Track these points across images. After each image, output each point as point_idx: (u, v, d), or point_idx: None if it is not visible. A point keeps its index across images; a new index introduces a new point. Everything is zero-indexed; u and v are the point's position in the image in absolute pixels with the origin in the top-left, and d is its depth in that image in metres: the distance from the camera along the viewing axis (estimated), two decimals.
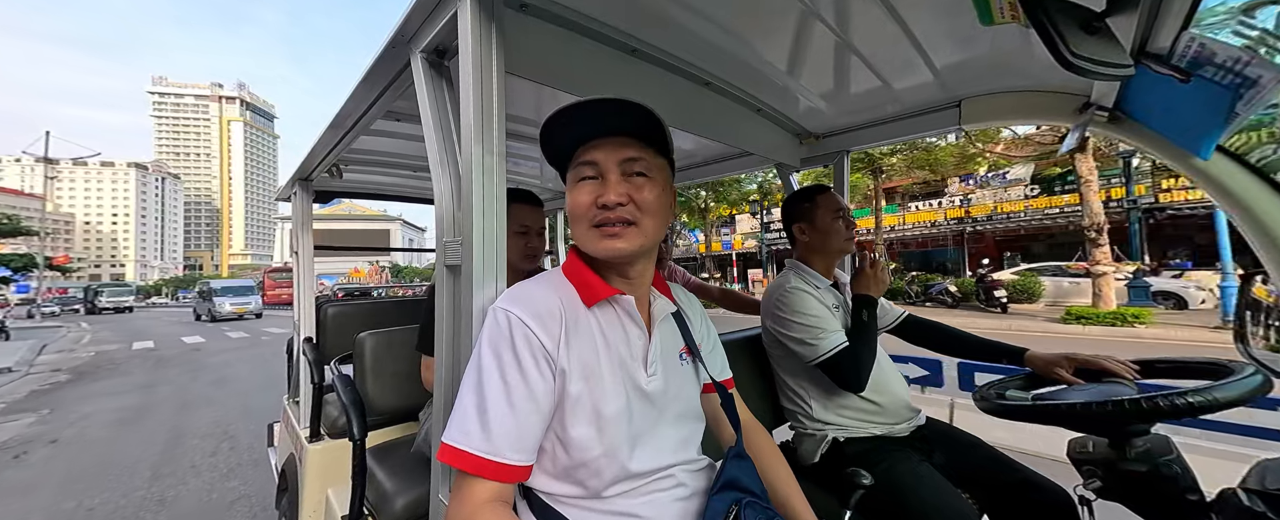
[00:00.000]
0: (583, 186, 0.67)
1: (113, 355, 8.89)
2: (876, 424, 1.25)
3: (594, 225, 0.66)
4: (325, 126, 1.42)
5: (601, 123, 0.67)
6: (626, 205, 0.65)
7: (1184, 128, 0.89)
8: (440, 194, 0.79)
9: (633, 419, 0.66)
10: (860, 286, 1.30)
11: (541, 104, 1.55)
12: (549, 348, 0.62)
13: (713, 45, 1.15)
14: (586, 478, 0.64)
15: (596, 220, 0.66)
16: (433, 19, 0.77)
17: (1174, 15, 0.66)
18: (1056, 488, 1.10)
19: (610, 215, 0.65)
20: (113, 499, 2.82)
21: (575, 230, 0.70)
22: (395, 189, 2.53)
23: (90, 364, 8.10)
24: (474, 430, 0.59)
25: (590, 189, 0.66)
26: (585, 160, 0.67)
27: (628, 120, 0.67)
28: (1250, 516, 0.59)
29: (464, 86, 0.71)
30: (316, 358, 1.82)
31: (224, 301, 19.26)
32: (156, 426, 4.30)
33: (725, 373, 0.86)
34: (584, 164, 0.67)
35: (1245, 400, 0.77)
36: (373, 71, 0.99)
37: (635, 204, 0.66)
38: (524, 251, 1.33)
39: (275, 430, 2.62)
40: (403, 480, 1.26)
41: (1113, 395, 0.85)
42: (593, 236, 0.67)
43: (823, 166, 1.86)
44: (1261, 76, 0.71)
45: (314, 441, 1.72)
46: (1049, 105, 1.16)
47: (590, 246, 0.67)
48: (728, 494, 0.65)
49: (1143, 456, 0.84)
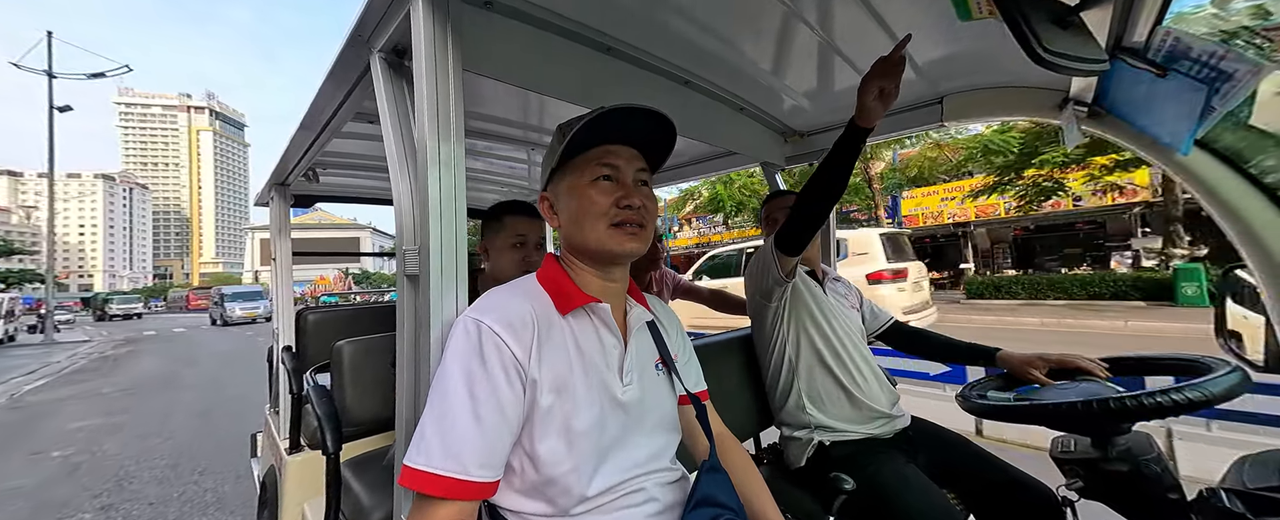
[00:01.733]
0: (601, 186, 0.69)
1: (135, 338, 15.45)
2: (861, 425, 1.24)
3: (614, 224, 0.68)
4: (296, 128, 1.38)
5: (629, 130, 0.70)
6: (641, 209, 0.69)
7: (1163, 123, 0.88)
8: (400, 200, 0.76)
9: (605, 431, 0.64)
10: (863, 118, 0.99)
11: (527, 105, 1.52)
12: (520, 358, 0.60)
13: (692, 43, 1.12)
14: (555, 495, 0.62)
15: (618, 219, 0.68)
16: (388, 18, 0.74)
17: (1148, 10, 0.65)
18: (1042, 486, 1.10)
19: (632, 216, 0.68)
20: (162, 365, 8.88)
21: (588, 228, 0.68)
22: (373, 192, 2.49)
23: (127, 340, 14.92)
24: (436, 449, 0.56)
25: (609, 189, 0.69)
26: (607, 162, 0.69)
27: (648, 132, 0.71)
28: (1228, 516, 0.58)
29: (419, 87, 0.68)
30: (296, 367, 1.77)
31: (235, 307, 20.65)
32: (168, 354, 10.73)
33: (700, 385, 0.84)
34: (605, 164, 0.69)
35: (1226, 398, 0.76)
36: (335, 72, 0.96)
37: (645, 209, 0.70)
38: (522, 266, 1.25)
39: (258, 440, 2.56)
40: (380, 494, 1.22)
41: (1094, 394, 0.84)
42: (611, 234, 0.68)
43: (808, 164, 1.85)
44: (1235, 71, 0.70)
45: (293, 453, 1.68)
46: (1029, 101, 1.16)
47: (609, 244, 0.68)
48: (703, 510, 0.63)
49: (1124, 455, 0.83)
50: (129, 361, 9.66)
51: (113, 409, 5.27)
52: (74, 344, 13.53)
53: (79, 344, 13.54)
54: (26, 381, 7.54)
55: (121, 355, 10.71)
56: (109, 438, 4.18)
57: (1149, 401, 0.76)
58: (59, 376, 8.00)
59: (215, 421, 4.57)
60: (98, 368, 8.84)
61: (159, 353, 10.99)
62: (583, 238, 0.69)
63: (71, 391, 6.54)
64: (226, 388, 6.14)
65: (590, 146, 0.69)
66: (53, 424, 4.78)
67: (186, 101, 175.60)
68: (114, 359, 10.16)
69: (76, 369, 8.76)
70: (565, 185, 0.71)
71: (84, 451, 3.84)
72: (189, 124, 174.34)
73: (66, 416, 5.04)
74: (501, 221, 1.25)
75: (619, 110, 0.66)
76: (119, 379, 7.39)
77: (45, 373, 8.36)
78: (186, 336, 14.62)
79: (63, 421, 4.84)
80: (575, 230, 0.69)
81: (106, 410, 5.24)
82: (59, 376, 8.00)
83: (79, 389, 6.68)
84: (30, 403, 5.93)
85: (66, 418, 4.99)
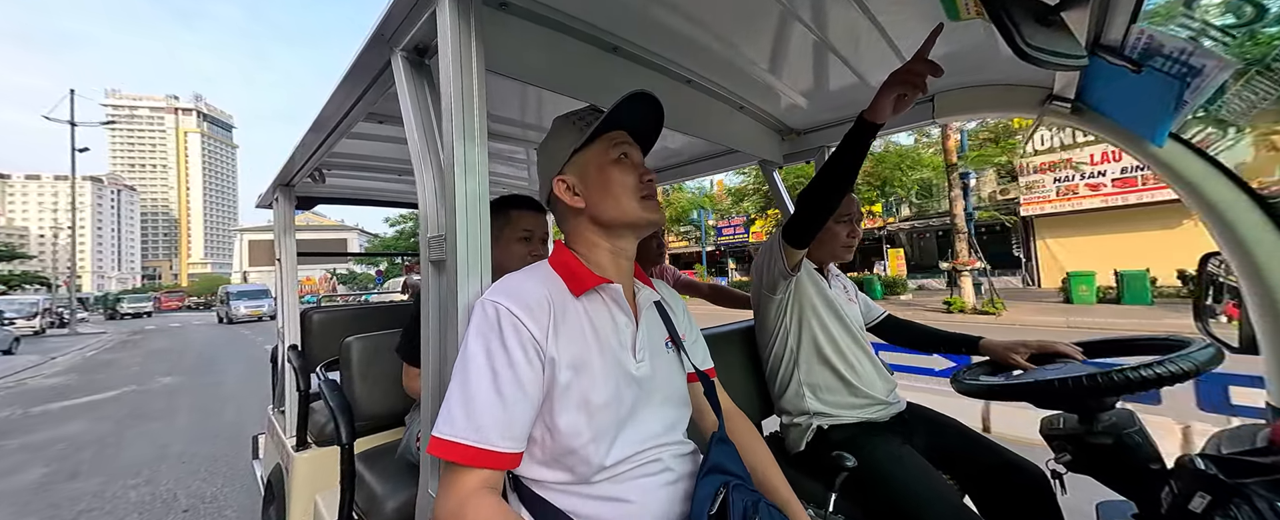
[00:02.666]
0: (623, 164, 0.76)
1: (140, 330, 19.55)
2: (859, 411, 1.29)
3: (645, 196, 0.76)
4: (306, 129, 1.41)
5: (643, 121, 0.78)
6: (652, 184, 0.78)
7: (1139, 116, 0.94)
8: (424, 193, 0.80)
9: (621, 404, 0.68)
10: (875, 115, 0.99)
11: (526, 104, 1.55)
12: (538, 338, 0.63)
13: (693, 42, 1.17)
14: (575, 464, 0.65)
15: (645, 192, 0.76)
16: (412, 18, 0.78)
17: (1123, 8, 0.70)
18: (1032, 465, 1.15)
19: (653, 190, 0.77)
20: (167, 343, 13.75)
21: (624, 200, 0.75)
22: (379, 193, 2.50)
23: (135, 331, 18.96)
24: (460, 419, 0.59)
25: (631, 167, 0.77)
26: (622, 144, 0.77)
27: (650, 128, 0.80)
28: (1203, 479, 0.63)
29: (445, 85, 0.72)
30: (302, 365, 1.79)
31: (239, 305, 20.94)
32: (168, 340, 14.53)
33: (707, 362, 0.88)
34: (623, 145, 0.77)
35: (1202, 371, 0.81)
36: (353, 72, 0.99)
37: None
38: (528, 260, 1.28)
39: (260, 442, 2.56)
40: (393, 483, 1.25)
41: (1082, 371, 0.89)
42: (644, 205, 0.76)
43: (805, 163, 1.90)
44: (1205, 66, 0.75)
45: (301, 450, 1.70)
46: (1015, 98, 1.21)
47: (641, 213, 0.75)
48: (714, 477, 0.67)
49: (1109, 429, 0.88)
50: (143, 342, 14.37)
51: (145, 360, 10.09)
52: (97, 334, 17.68)
53: (100, 334, 17.60)
54: (86, 350, 12.44)
55: (136, 340, 15.11)
56: (152, 364, 9.33)
57: (1135, 375, 0.81)
58: (103, 349, 12.65)
59: (199, 361, 9.54)
60: (123, 346, 13.45)
61: (162, 339, 15.26)
62: (617, 210, 0.75)
63: (118, 356, 11.14)
64: (205, 351, 11.27)
65: (603, 131, 0.76)
66: (121, 364, 9.69)
67: (174, 104, 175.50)
68: (133, 342, 14.40)
69: (109, 347, 13.25)
70: (591, 166, 0.76)
71: (141, 369, 8.70)
72: (176, 126, 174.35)
73: (126, 362, 9.89)
74: (508, 215, 1.29)
75: (645, 101, 0.75)
76: (143, 349, 12.29)
77: (93, 347, 13.27)
78: (181, 331, 18.66)
79: (127, 362, 9.90)
80: (608, 204, 0.75)
81: (143, 360, 10.17)
82: (103, 349, 12.65)
83: (122, 354, 11.41)
84: (102, 359, 10.80)
85: (127, 363, 9.79)
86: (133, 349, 12.46)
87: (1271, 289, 0.89)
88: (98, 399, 6.15)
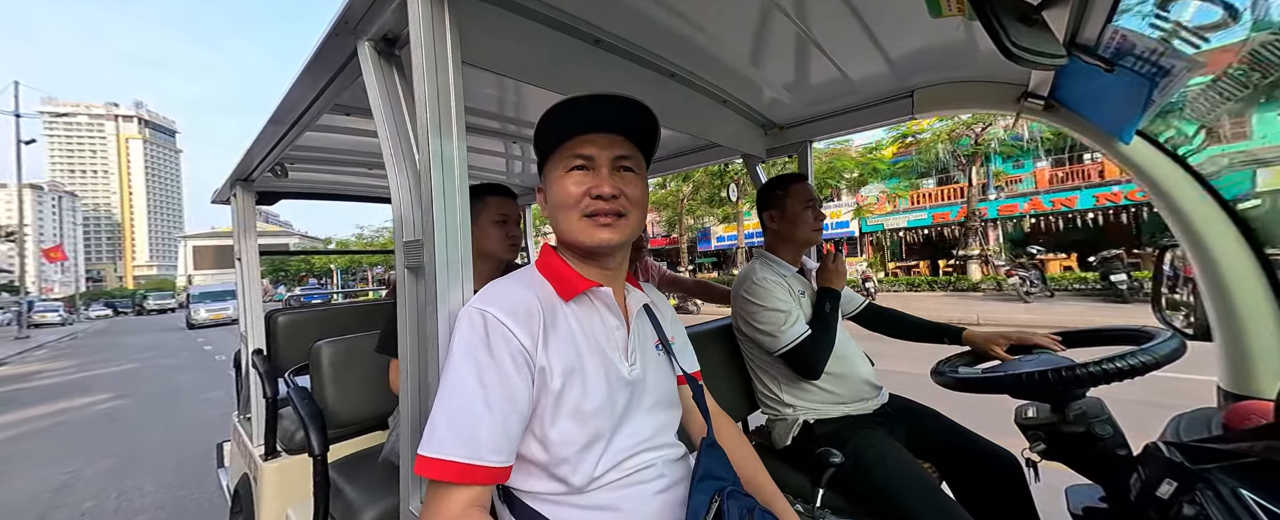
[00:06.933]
0: (573, 176, 0.68)
1: (110, 319, 32.43)
2: (842, 405, 1.31)
3: (586, 215, 0.67)
4: (265, 122, 1.32)
5: (600, 118, 0.68)
6: (619, 198, 0.67)
7: (1109, 114, 0.97)
8: (398, 193, 0.75)
9: (614, 409, 0.67)
10: (823, 279, 1.37)
11: (504, 98, 1.49)
12: (528, 347, 0.61)
13: (677, 35, 1.14)
14: (567, 474, 0.63)
15: (588, 210, 0.67)
16: (379, 6, 0.72)
17: (1099, 8, 0.71)
18: (1006, 453, 1.19)
19: (604, 206, 0.67)
20: (135, 325, 25.55)
21: (562, 219, 0.69)
22: (348, 188, 2.39)
23: (104, 319, 34.47)
24: (447, 436, 0.56)
25: (581, 179, 0.67)
26: (579, 152, 0.68)
27: (624, 117, 0.69)
28: (1170, 465, 0.66)
29: (418, 78, 0.67)
30: (268, 370, 1.70)
31: (200, 308, 18.43)
32: (134, 326, 25.00)
33: (694, 365, 0.88)
34: (577, 155, 0.68)
35: (1166, 362, 0.85)
36: (315, 62, 0.92)
37: (625, 198, 0.68)
38: (506, 241, 1.33)
39: (225, 450, 2.44)
40: (373, 493, 1.20)
41: (1054, 364, 0.92)
42: (584, 226, 0.67)
43: (787, 157, 1.90)
44: (1173, 66, 0.77)
45: (269, 459, 1.62)
46: (991, 94, 1.23)
47: (581, 236, 0.68)
48: (708, 484, 0.66)
49: (1079, 418, 0.91)
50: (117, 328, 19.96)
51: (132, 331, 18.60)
52: (90, 320, 27.73)
53: (94, 320, 27.61)
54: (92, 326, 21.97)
55: (111, 327, 19.90)
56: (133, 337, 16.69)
57: (1099, 369, 0.85)
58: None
59: (159, 336, 15.78)
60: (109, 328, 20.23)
61: (131, 326, 18.92)
62: (559, 230, 0.70)
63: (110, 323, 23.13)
64: (160, 331, 16.78)
65: (568, 137, 0.69)
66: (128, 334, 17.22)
67: (114, 110, 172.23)
68: (108, 329, 18.48)
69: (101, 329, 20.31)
70: (549, 177, 0.71)
71: (147, 343, 14.66)
72: (117, 132, 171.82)
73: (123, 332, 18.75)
74: (484, 201, 1.30)
75: (589, 99, 0.66)
76: (124, 328, 18.09)
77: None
78: (146, 320, 24.77)
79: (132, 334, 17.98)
80: (554, 222, 0.70)
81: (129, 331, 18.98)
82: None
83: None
84: (104, 327, 20.00)
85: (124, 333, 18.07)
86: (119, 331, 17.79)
87: (1223, 279, 0.94)
88: None
